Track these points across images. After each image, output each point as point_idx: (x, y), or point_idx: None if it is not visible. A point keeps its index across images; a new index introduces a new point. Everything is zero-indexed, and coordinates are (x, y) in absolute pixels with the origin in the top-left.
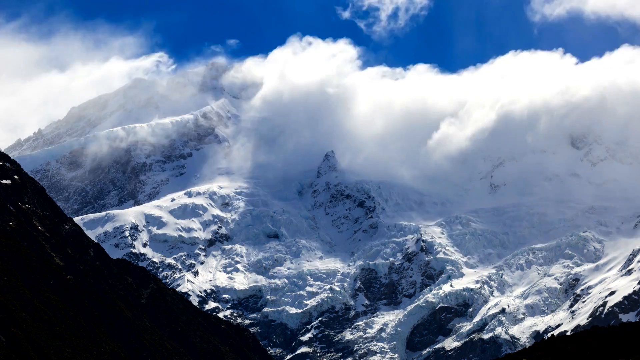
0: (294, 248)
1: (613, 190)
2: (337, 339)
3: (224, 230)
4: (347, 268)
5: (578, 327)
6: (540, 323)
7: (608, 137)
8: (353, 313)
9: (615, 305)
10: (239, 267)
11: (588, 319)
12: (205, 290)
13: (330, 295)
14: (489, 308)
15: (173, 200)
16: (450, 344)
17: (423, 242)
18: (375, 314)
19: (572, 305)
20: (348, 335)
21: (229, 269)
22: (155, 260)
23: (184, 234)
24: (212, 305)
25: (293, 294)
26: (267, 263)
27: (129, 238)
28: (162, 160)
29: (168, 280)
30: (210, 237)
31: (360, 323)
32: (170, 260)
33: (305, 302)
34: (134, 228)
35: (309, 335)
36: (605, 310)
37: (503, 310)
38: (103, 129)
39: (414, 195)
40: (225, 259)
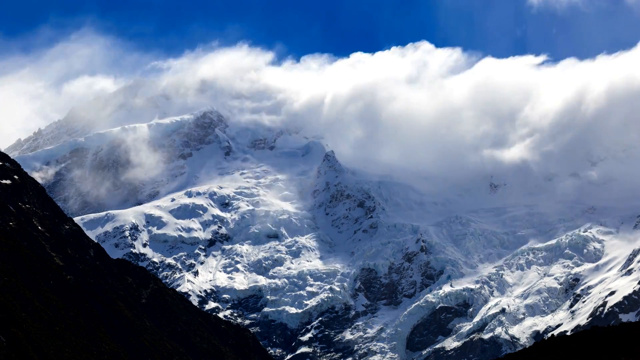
0: (294, 248)
1: (613, 190)
2: (337, 339)
3: (224, 230)
4: (347, 268)
5: (578, 327)
6: (540, 323)
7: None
8: (353, 313)
9: (615, 305)
10: (239, 267)
11: (588, 319)
12: (205, 290)
13: (330, 295)
14: (489, 308)
15: (173, 200)
16: (450, 344)
17: (423, 242)
18: (375, 314)
19: (572, 305)
20: (348, 335)
21: (229, 269)
22: (155, 260)
23: (184, 234)
24: (212, 305)
25: (293, 294)
26: (267, 263)
27: (129, 238)
28: (162, 160)
29: (168, 280)
30: (210, 237)
31: (360, 323)
32: (170, 260)
33: (305, 302)
34: (134, 228)
35: (309, 335)
36: (605, 310)
37: (503, 310)
38: (103, 129)
39: (414, 195)
40: (225, 259)
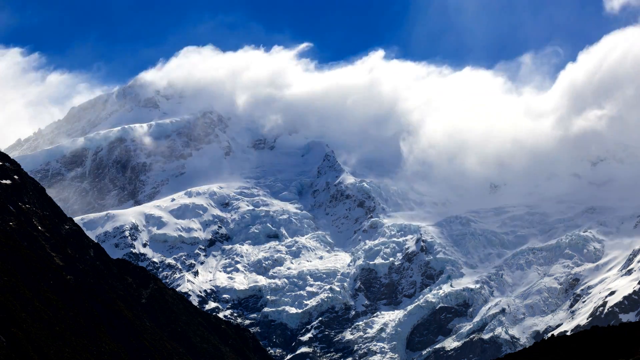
0: (294, 248)
1: (613, 190)
2: (337, 339)
3: (224, 230)
4: (347, 268)
5: (578, 327)
6: (540, 323)
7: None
8: (353, 313)
9: (615, 305)
10: (239, 267)
11: (588, 319)
12: (205, 290)
13: (330, 295)
14: (489, 308)
15: (173, 200)
16: (450, 344)
17: (423, 242)
18: (375, 314)
19: (572, 305)
20: (348, 335)
21: (229, 269)
22: (155, 260)
23: (184, 234)
24: (212, 305)
25: (293, 294)
26: (267, 263)
27: (129, 238)
28: (162, 160)
29: (168, 280)
30: (210, 237)
31: (360, 323)
32: (170, 260)
33: (305, 302)
34: (134, 228)
35: (309, 335)
36: (605, 310)
37: (503, 311)
38: (103, 129)
39: (414, 195)
40: (225, 259)
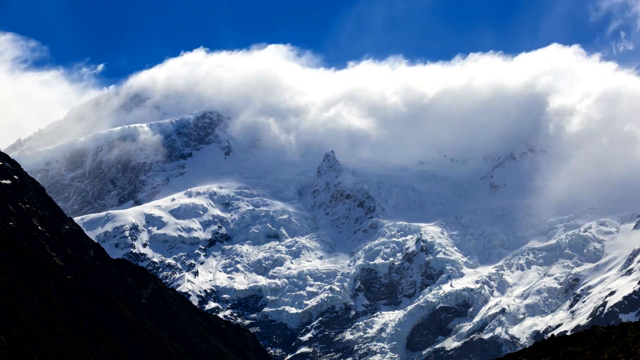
0: (294, 248)
1: (613, 190)
2: (337, 339)
3: (224, 230)
4: (347, 268)
5: (578, 327)
6: (540, 323)
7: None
8: (353, 313)
9: (615, 305)
10: (239, 267)
11: (588, 319)
12: (205, 290)
13: (330, 295)
14: (489, 308)
15: (173, 200)
16: (450, 344)
17: (423, 242)
18: (375, 314)
19: (572, 305)
20: (348, 335)
21: (229, 269)
22: (155, 260)
23: (184, 234)
24: (212, 305)
25: (293, 294)
26: (267, 263)
27: (129, 238)
28: (162, 160)
29: (168, 280)
30: (210, 237)
31: (360, 323)
32: (170, 260)
33: (305, 302)
34: (134, 228)
35: (309, 335)
36: (605, 310)
37: (503, 310)
38: (103, 129)
39: (414, 195)
40: (225, 259)
